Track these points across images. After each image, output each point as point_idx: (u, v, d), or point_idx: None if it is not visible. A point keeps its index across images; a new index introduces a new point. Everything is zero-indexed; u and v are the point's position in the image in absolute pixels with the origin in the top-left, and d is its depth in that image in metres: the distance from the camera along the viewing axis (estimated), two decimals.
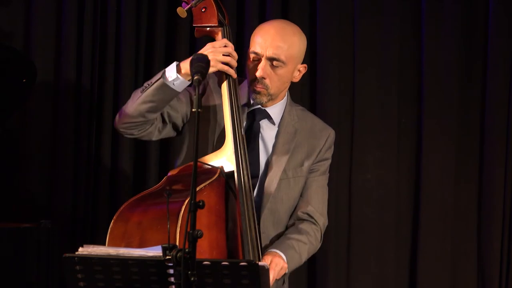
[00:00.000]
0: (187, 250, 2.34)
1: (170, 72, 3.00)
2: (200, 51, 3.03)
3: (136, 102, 3.01)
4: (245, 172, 2.99)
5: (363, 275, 4.38)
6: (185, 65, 2.98)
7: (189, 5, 3.10)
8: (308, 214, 3.20)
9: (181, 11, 3.09)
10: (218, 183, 2.94)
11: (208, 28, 3.14)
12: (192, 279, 2.33)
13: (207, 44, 3.08)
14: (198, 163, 2.96)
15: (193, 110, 3.01)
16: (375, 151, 4.40)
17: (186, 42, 4.28)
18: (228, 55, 3.07)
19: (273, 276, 2.97)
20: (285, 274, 3.12)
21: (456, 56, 4.39)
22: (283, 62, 3.08)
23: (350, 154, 4.38)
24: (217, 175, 2.94)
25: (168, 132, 3.16)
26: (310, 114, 3.33)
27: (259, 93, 3.10)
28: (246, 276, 2.43)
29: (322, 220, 3.24)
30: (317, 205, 3.22)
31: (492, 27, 4.36)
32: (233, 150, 3.00)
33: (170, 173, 3.04)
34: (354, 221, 4.38)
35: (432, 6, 4.37)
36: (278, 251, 3.05)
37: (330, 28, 4.35)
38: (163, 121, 3.12)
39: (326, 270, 4.34)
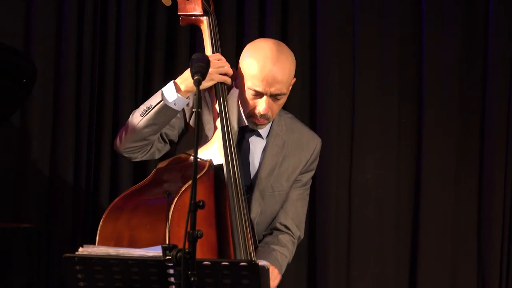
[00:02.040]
0: (187, 250, 2.34)
1: (169, 92, 2.98)
2: None
3: (138, 126, 3.01)
4: (234, 165, 2.97)
5: (363, 275, 4.38)
6: (183, 82, 2.98)
7: None
8: (286, 227, 3.21)
9: (166, 0, 3.09)
10: (208, 177, 2.92)
11: (193, 17, 3.12)
12: (192, 279, 2.33)
13: None
14: (186, 156, 2.95)
15: (193, 110, 2.99)
16: (375, 151, 4.40)
17: (186, 42, 4.28)
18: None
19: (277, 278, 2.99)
20: None
21: (456, 56, 4.39)
22: (284, 94, 3.06)
23: (350, 154, 4.38)
24: (206, 168, 2.92)
25: (166, 149, 3.17)
26: (299, 123, 3.30)
27: (261, 124, 3.10)
28: (246, 276, 2.43)
29: (298, 234, 3.25)
30: (295, 217, 3.23)
31: (492, 27, 4.36)
32: (222, 142, 2.98)
33: (159, 166, 3.03)
34: (354, 221, 4.38)
35: (432, 6, 4.37)
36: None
37: (330, 28, 4.35)
38: (163, 141, 3.12)
39: (326, 270, 4.34)
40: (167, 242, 2.62)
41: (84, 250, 2.46)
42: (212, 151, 2.99)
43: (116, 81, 4.24)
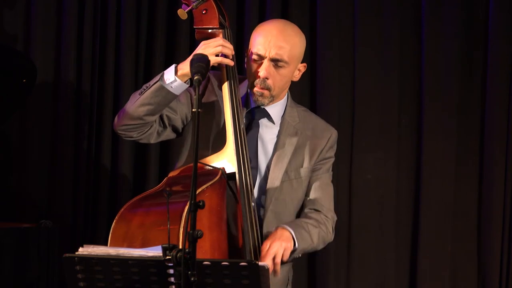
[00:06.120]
0: (187, 250, 2.34)
1: (168, 74, 2.98)
2: (195, 51, 3.01)
3: (134, 105, 3.00)
4: (247, 174, 2.98)
5: (363, 275, 4.38)
6: (183, 66, 2.97)
7: (190, 7, 3.09)
8: (316, 210, 3.18)
9: (182, 13, 3.07)
10: (220, 185, 2.93)
11: (209, 30, 3.12)
12: (192, 279, 2.33)
13: (201, 43, 3.06)
14: (200, 165, 2.95)
15: (193, 110, 2.98)
16: (375, 151, 4.40)
17: (186, 42, 4.28)
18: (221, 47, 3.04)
19: (282, 247, 2.94)
20: (290, 272, 3.13)
21: (456, 56, 4.39)
22: (286, 62, 3.07)
23: (350, 154, 4.38)
24: (218, 176, 2.92)
25: (168, 135, 3.14)
26: (313, 114, 3.31)
27: (261, 95, 3.08)
28: (246, 276, 2.43)
29: (331, 214, 3.21)
30: (324, 202, 3.19)
31: (492, 27, 4.36)
32: (235, 151, 2.99)
33: (170, 174, 3.03)
34: (354, 221, 4.38)
35: (432, 6, 4.37)
36: (285, 226, 3.02)
37: (330, 28, 4.35)
38: (163, 124, 3.10)
39: (326, 270, 4.34)
40: (180, 243, 2.63)
41: (84, 250, 2.46)
42: (225, 160, 3.00)
43: (116, 81, 4.25)
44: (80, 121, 4.21)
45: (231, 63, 3.08)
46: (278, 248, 2.94)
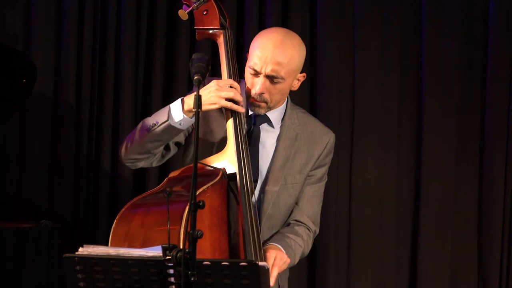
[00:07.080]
0: (187, 250, 2.34)
1: (176, 111, 2.99)
2: (205, 87, 2.99)
3: (143, 141, 3.05)
4: (247, 174, 2.98)
5: (363, 275, 4.39)
6: (189, 101, 2.97)
7: (191, 8, 3.08)
8: (302, 223, 3.21)
9: (183, 14, 3.07)
10: (220, 185, 2.93)
11: (210, 31, 3.12)
12: (192, 279, 2.33)
13: (212, 81, 3.03)
14: (200, 165, 2.95)
15: (193, 109, 2.98)
16: (375, 151, 4.40)
17: (186, 42, 4.29)
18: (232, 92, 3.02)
19: (277, 269, 2.97)
20: (281, 274, 3.14)
21: (456, 56, 4.39)
22: (282, 78, 3.04)
23: (350, 154, 4.38)
24: (219, 177, 2.92)
25: (171, 154, 3.18)
26: (311, 117, 3.31)
27: (258, 106, 3.09)
28: (246, 276, 2.43)
29: (315, 228, 3.24)
30: (311, 214, 3.22)
31: (492, 27, 4.36)
32: (235, 152, 2.99)
33: (171, 175, 3.04)
34: (354, 221, 4.38)
35: (432, 6, 4.37)
36: (280, 247, 3.05)
37: (330, 28, 4.35)
38: (167, 147, 3.13)
39: (326, 270, 4.34)
40: (180, 243, 2.63)
41: (84, 250, 2.46)
42: (226, 161, 3.00)
43: (116, 81, 4.25)
44: (80, 121, 4.21)
45: (242, 110, 3.05)
46: (280, 263, 2.98)
